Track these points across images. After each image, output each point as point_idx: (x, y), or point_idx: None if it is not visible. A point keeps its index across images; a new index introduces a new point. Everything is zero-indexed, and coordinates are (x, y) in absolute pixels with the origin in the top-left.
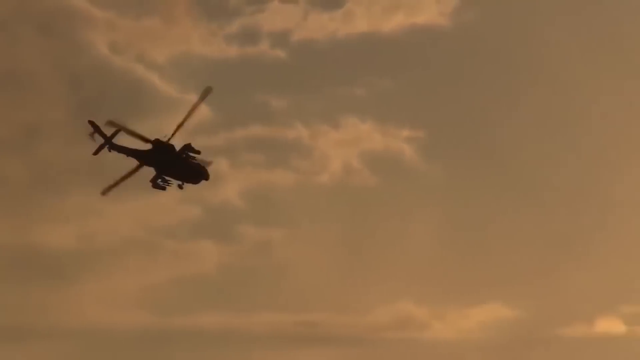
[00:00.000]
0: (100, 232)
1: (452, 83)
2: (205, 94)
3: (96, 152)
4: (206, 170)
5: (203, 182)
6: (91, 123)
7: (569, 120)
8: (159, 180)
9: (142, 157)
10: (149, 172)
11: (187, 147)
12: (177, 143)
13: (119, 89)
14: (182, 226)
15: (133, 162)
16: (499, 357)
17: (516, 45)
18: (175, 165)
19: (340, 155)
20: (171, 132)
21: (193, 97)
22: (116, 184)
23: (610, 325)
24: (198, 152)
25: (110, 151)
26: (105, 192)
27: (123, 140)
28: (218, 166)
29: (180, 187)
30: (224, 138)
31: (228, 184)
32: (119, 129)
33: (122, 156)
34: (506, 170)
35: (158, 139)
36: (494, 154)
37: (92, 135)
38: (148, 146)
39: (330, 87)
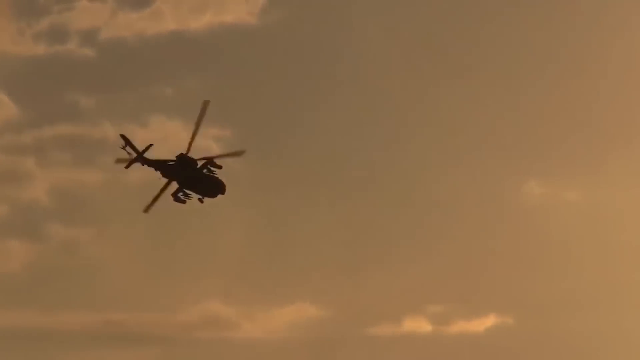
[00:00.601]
0: None
1: (260, 82)
2: (204, 107)
3: (128, 166)
4: (224, 185)
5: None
6: (123, 137)
7: (383, 118)
8: (180, 194)
9: (167, 171)
10: None
11: (210, 162)
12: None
13: None
14: None
15: None
16: (307, 356)
17: (325, 45)
18: (197, 179)
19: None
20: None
21: (2, 97)
22: (154, 200)
23: (417, 325)
24: (219, 167)
25: (143, 165)
26: (146, 209)
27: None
28: (25, 165)
29: (200, 200)
30: (32, 136)
31: (36, 182)
32: (149, 146)
33: None
34: (315, 169)
35: (182, 154)
36: (303, 152)
37: (124, 148)
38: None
39: (139, 86)
